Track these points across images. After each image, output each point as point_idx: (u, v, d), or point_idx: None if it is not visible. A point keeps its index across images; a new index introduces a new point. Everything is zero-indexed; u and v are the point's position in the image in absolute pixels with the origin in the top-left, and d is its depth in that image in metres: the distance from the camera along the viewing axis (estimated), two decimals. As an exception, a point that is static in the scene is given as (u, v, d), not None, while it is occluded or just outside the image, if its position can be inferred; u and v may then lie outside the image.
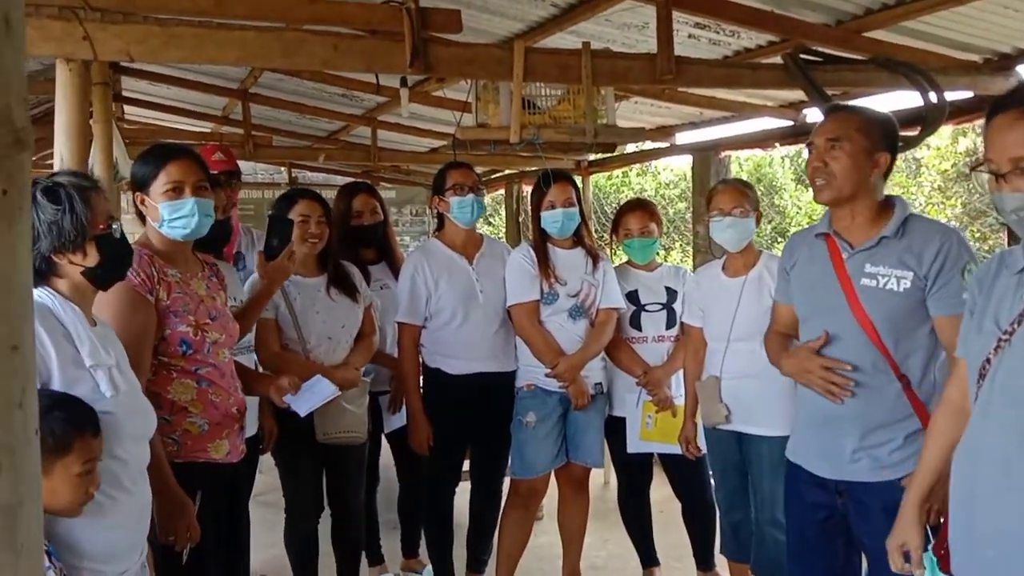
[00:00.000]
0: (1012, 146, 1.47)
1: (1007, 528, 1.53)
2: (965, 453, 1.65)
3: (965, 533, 1.64)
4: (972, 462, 1.62)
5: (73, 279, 1.78)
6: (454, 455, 3.39)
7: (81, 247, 1.76)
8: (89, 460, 1.60)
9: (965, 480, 1.64)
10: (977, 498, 1.60)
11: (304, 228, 2.96)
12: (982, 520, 1.59)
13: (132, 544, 1.79)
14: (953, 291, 2.03)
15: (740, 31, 3.68)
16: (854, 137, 2.11)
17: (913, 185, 8.03)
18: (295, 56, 2.73)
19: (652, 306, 3.40)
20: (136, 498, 1.79)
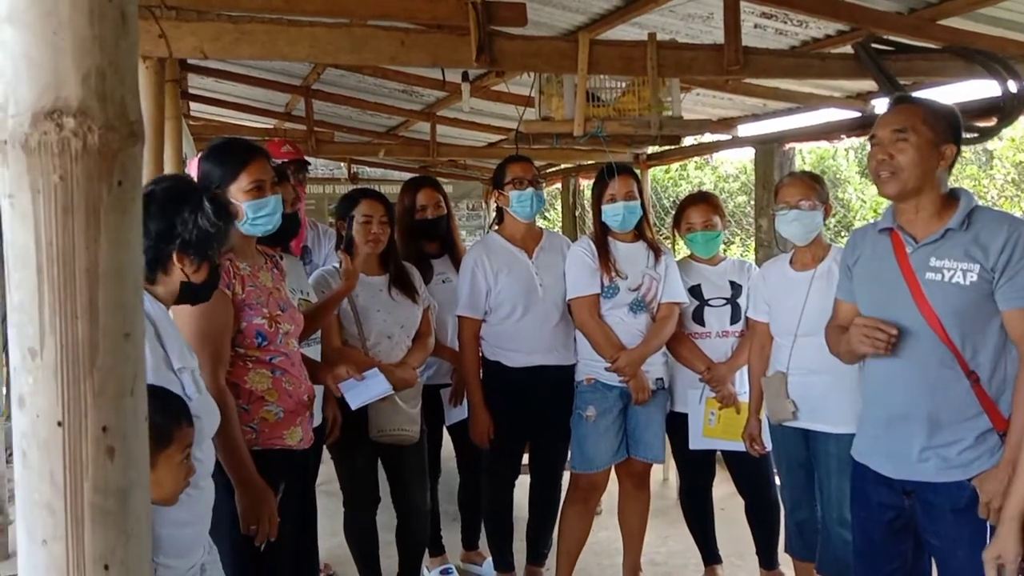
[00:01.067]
0: None
1: None
2: None
3: None
4: None
5: (171, 286, 1.84)
6: (514, 448, 3.40)
7: (205, 261, 1.81)
8: (187, 447, 1.64)
9: None
10: None
11: (367, 228, 2.99)
12: None
13: (200, 540, 1.84)
14: (1021, 283, 1.98)
15: (809, 20, 3.60)
16: (920, 129, 2.07)
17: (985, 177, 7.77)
18: (363, 51, 2.77)
19: (716, 301, 3.36)
20: (206, 495, 1.84)
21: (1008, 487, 1.92)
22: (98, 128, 0.67)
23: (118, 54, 0.67)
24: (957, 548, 2.04)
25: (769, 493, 3.41)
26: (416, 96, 5.81)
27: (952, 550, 2.06)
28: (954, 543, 2.05)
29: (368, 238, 2.99)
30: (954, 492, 2.04)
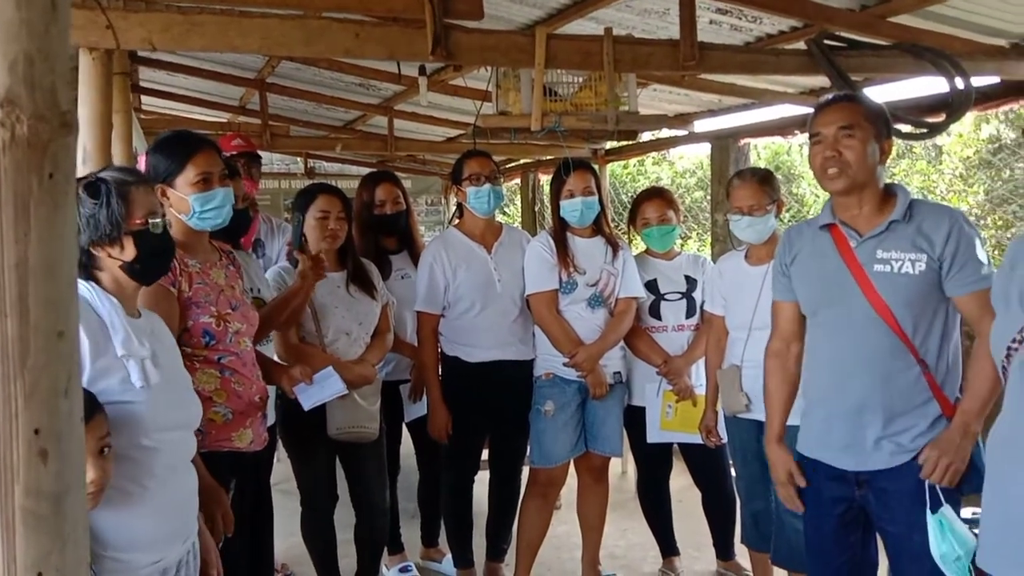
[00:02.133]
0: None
1: None
2: (998, 440, 1.63)
3: (999, 521, 1.62)
4: (1007, 450, 1.60)
5: (113, 273, 1.79)
6: (473, 444, 3.39)
7: (118, 241, 1.76)
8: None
9: (1000, 470, 1.62)
10: (1013, 488, 1.58)
11: (323, 224, 2.95)
12: (1017, 509, 1.57)
13: (166, 535, 1.78)
14: (972, 269, 2.04)
15: (763, 16, 3.64)
16: (864, 125, 2.11)
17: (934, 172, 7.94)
18: (317, 44, 2.72)
19: (672, 295, 3.38)
20: (170, 488, 1.79)
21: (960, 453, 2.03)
22: (27, 118, 0.64)
23: (48, 40, 0.64)
24: (913, 532, 2.07)
25: (725, 485, 3.45)
26: (373, 90, 5.76)
27: (908, 535, 2.09)
28: (909, 528, 2.08)
29: (325, 234, 2.95)
30: (907, 474, 2.08)
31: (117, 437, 1.63)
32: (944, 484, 2.04)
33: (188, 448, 1.88)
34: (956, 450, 2.03)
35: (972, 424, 2.04)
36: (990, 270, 2.06)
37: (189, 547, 1.85)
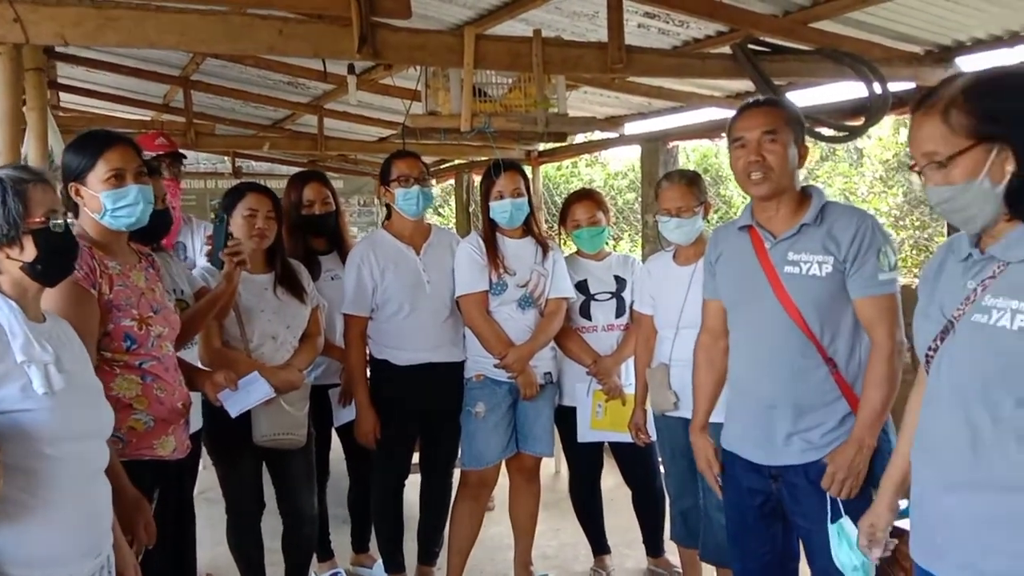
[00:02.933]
0: (923, 141, 1.53)
1: (951, 513, 1.57)
2: (918, 443, 1.68)
3: (919, 519, 1.68)
4: (924, 451, 1.65)
5: (12, 275, 1.70)
6: (403, 448, 3.35)
7: (16, 241, 1.68)
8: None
9: (918, 470, 1.68)
10: (928, 485, 1.64)
11: (251, 222, 2.88)
12: (931, 505, 1.63)
13: (74, 549, 1.70)
14: (869, 272, 2.10)
15: (689, 21, 3.70)
16: (785, 129, 2.16)
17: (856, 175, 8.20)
18: (239, 41, 2.66)
19: (601, 295, 3.41)
20: (78, 500, 1.71)
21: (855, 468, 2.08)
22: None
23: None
24: (822, 525, 2.14)
25: (654, 483, 3.50)
26: (302, 88, 5.67)
27: (818, 528, 2.16)
28: (819, 521, 2.15)
29: (252, 232, 2.88)
30: (816, 471, 2.15)
31: (14, 447, 1.56)
32: (843, 497, 2.11)
33: (99, 458, 1.80)
34: (850, 466, 2.10)
35: (867, 437, 2.10)
36: (892, 277, 2.13)
37: (103, 562, 1.78)
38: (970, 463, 1.52)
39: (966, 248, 1.58)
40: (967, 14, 3.33)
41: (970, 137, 1.46)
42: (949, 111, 1.48)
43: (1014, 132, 1.45)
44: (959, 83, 1.51)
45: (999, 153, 1.45)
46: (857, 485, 2.11)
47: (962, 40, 3.65)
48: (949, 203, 1.52)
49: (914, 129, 1.56)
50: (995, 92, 1.48)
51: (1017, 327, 1.44)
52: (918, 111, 1.55)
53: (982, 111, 1.46)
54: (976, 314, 1.51)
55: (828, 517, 2.11)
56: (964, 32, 3.57)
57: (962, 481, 1.54)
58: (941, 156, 1.49)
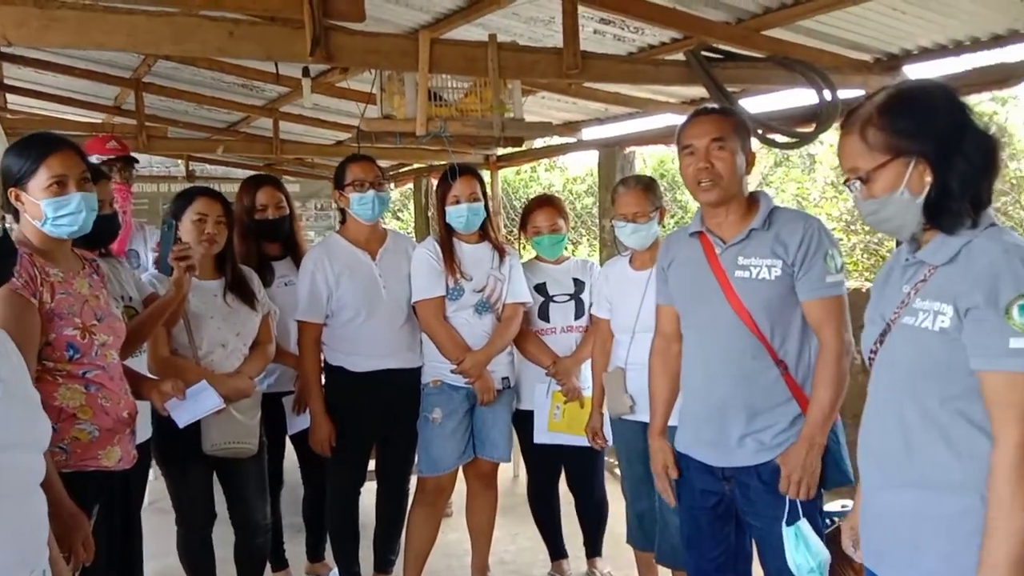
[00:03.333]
0: (846, 158, 1.60)
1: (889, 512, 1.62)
2: (861, 442, 1.72)
3: (863, 516, 1.73)
4: (865, 451, 1.69)
5: None
6: (358, 455, 3.31)
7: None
8: None
9: (862, 468, 1.72)
10: (868, 484, 1.69)
11: (200, 227, 2.83)
12: (871, 504, 1.68)
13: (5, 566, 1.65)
14: (817, 275, 2.14)
15: (645, 27, 3.73)
16: (733, 137, 2.20)
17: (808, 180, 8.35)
18: (188, 42, 2.61)
19: (560, 297, 3.41)
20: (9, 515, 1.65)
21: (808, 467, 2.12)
22: None
23: None
24: (775, 525, 2.17)
25: (596, 492, 3.54)
26: (257, 91, 5.61)
27: (771, 528, 2.19)
28: (772, 521, 2.18)
29: (202, 237, 2.82)
30: (768, 472, 2.18)
31: None
32: (801, 498, 2.14)
33: (34, 471, 1.73)
34: (804, 466, 2.13)
35: (817, 435, 2.14)
36: (839, 279, 2.17)
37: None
38: (904, 463, 1.57)
39: (905, 253, 1.64)
40: (913, 24, 3.41)
41: (886, 152, 1.53)
42: (866, 129, 1.55)
43: (926, 147, 1.51)
44: (875, 100, 1.57)
45: (916, 167, 1.52)
46: (814, 484, 2.14)
47: (909, 49, 3.73)
48: (875, 215, 1.59)
49: (840, 146, 1.63)
50: (906, 109, 1.54)
51: (939, 328, 1.49)
52: (842, 128, 1.62)
53: (895, 127, 1.53)
54: (907, 316, 1.56)
55: (784, 519, 2.14)
56: (911, 41, 3.65)
57: (897, 481, 1.59)
58: (863, 171, 1.56)
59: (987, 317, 1.43)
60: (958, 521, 1.49)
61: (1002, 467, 1.42)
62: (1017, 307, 1.40)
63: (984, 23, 3.38)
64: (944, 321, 1.48)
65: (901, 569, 1.59)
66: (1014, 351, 1.41)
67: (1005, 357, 1.42)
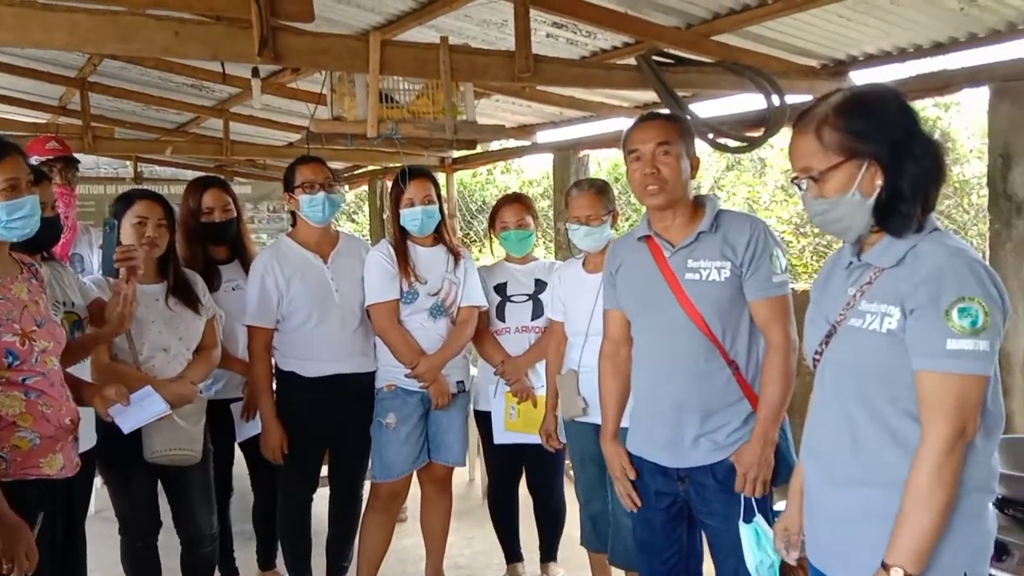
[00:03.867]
0: (799, 157, 1.61)
1: (836, 510, 1.64)
2: (806, 442, 1.74)
3: (808, 515, 1.75)
4: (811, 451, 1.71)
5: None
6: (311, 461, 3.27)
7: None
8: None
9: (806, 468, 1.74)
10: (814, 483, 1.70)
11: (141, 231, 2.77)
12: (817, 503, 1.70)
13: None
14: (764, 276, 2.19)
15: (597, 32, 3.75)
16: (678, 142, 2.23)
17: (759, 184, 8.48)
18: (132, 42, 2.55)
19: (518, 297, 3.41)
20: None
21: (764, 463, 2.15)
22: None
23: None
24: (730, 524, 2.20)
25: (556, 492, 3.55)
26: (207, 91, 5.52)
27: (726, 527, 2.22)
28: (727, 520, 2.21)
29: (142, 241, 2.77)
30: (722, 471, 2.21)
31: None
32: (757, 496, 2.17)
33: None
34: (759, 462, 2.18)
35: (770, 432, 2.19)
36: (784, 279, 2.23)
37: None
38: (850, 461, 1.60)
39: (848, 256, 1.66)
40: (859, 31, 3.47)
41: (840, 153, 1.55)
42: (822, 129, 1.56)
43: (879, 149, 1.53)
44: (831, 101, 1.59)
45: (868, 168, 1.54)
46: (767, 479, 2.18)
47: (855, 55, 3.81)
48: (824, 215, 1.61)
49: (792, 145, 1.64)
50: (862, 111, 1.56)
51: (886, 330, 1.52)
52: (796, 128, 1.63)
53: (850, 129, 1.54)
54: (853, 318, 1.59)
55: (741, 517, 2.17)
56: (857, 47, 3.73)
57: (844, 478, 1.61)
58: (815, 171, 1.57)
59: (928, 317, 1.46)
60: None
61: (925, 462, 1.47)
62: (957, 310, 1.44)
63: (926, 31, 3.47)
64: (891, 323, 1.51)
65: (851, 567, 1.61)
66: (951, 352, 1.44)
67: (942, 358, 1.45)
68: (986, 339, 1.44)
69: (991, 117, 3.45)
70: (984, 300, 1.44)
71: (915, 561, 1.47)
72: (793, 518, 1.84)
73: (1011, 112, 3.37)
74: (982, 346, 1.44)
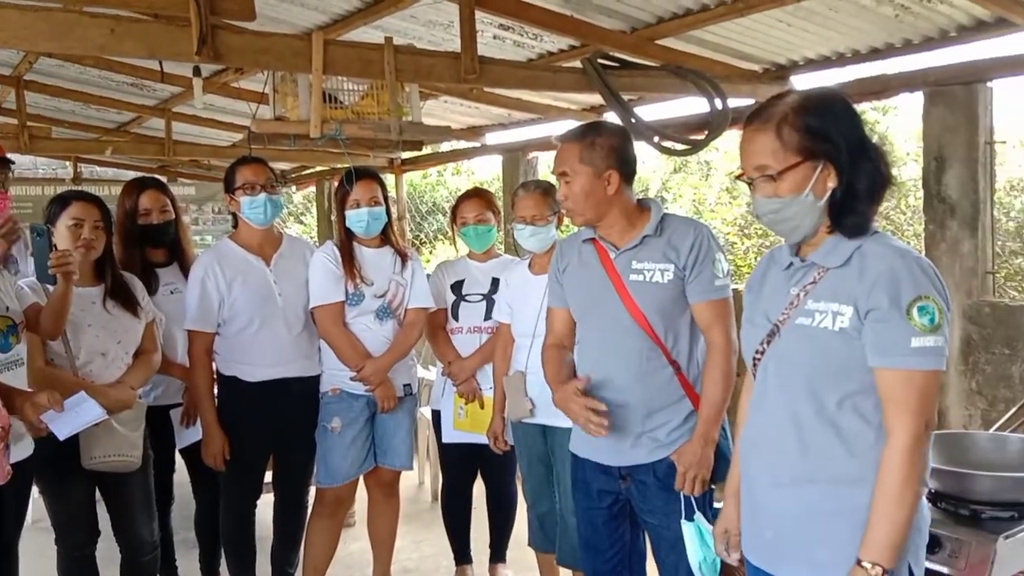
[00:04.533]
0: (755, 155, 1.60)
1: (781, 508, 1.65)
2: (747, 442, 1.76)
3: (749, 516, 1.76)
4: (753, 449, 1.73)
5: None
6: (255, 468, 3.22)
7: None
8: None
9: (748, 468, 1.75)
10: (756, 482, 1.72)
11: (76, 234, 2.70)
12: (760, 502, 1.71)
13: None
14: (706, 279, 2.23)
15: (543, 34, 3.76)
16: (577, 168, 2.24)
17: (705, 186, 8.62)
18: (66, 39, 2.49)
19: (472, 296, 3.40)
20: None
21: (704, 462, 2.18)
22: None
23: None
24: (671, 521, 2.23)
25: (508, 491, 3.56)
26: (148, 90, 5.40)
27: (667, 524, 2.25)
28: (667, 517, 2.24)
29: (78, 243, 2.70)
30: (663, 469, 2.24)
31: None
32: (696, 494, 2.20)
33: None
34: (700, 461, 2.20)
35: (711, 431, 2.22)
36: (725, 283, 2.27)
37: None
38: (797, 459, 1.61)
39: (787, 257, 1.68)
40: (799, 36, 3.55)
41: (798, 153, 1.55)
42: (782, 127, 1.56)
43: (837, 151, 1.55)
44: (789, 101, 1.59)
45: (823, 170, 1.55)
46: (707, 478, 2.21)
47: (796, 59, 3.89)
48: (776, 214, 1.61)
49: (746, 142, 1.63)
50: (822, 113, 1.57)
51: (838, 328, 1.54)
52: (750, 125, 1.62)
53: (810, 130, 1.55)
54: (800, 317, 1.60)
55: (682, 515, 2.19)
56: (797, 52, 3.80)
57: (790, 476, 1.63)
58: (772, 170, 1.57)
59: (891, 318, 1.48)
60: (852, 515, 1.55)
61: (893, 460, 1.49)
62: (917, 308, 1.47)
63: (864, 37, 3.55)
64: (844, 321, 1.53)
65: (796, 565, 1.63)
66: (915, 350, 1.47)
67: (907, 356, 1.48)
68: (942, 335, 1.48)
69: (925, 121, 3.56)
70: (937, 298, 1.48)
71: (890, 556, 1.49)
72: (732, 519, 1.86)
73: (944, 116, 3.47)
74: (940, 342, 1.48)
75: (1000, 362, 3.35)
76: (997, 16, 3.15)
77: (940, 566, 1.96)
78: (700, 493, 2.21)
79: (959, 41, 3.43)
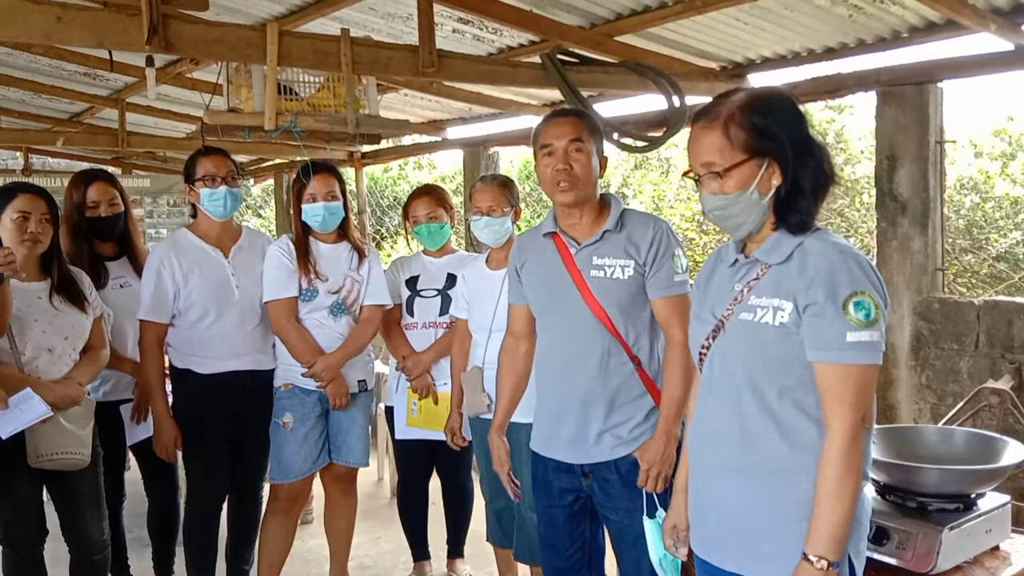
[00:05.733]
0: (702, 152, 1.62)
1: (725, 501, 1.67)
2: (694, 435, 1.78)
3: (695, 506, 1.78)
4: (699, 443, 1.75)
5: None
6: (216, 462, 3.14)
7: None
8: None
9: (695, 461, 1.77)
10: (702, 475, 1.74)
11: (23, 227, 2.64)
12: (706, 495, 1.73)
13: None
14: (666, 275, 2.23)
15: (503, 29, 3.75)
16: (590, 140, 2.24)
17: (665, 182, 8.67)
18: (10, 27, 2.41)
19: (427, 292, 3.38)
20: None
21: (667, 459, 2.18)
22: None
23: None
24: (633, 519, 2.23)
25: (465, 485, 3.56)
26: (101, 80, 5.28)
27: (629, 521, 2.25)
28: (630, 514, 2.24)
29: (24, 237, 2.63)
30: (626, 466, 2.24)
31: None
32: (659, 491, 2.20)
33: None
34: (662, 458, 2.20)
35: (673, 427, 2.22)
36: (684, 279, 2.27)
37: None
38: (740, 451, 1.63)
39: (733, 254, 1.70)
40: (755, 34, 3.58)
41: (745, 151, 1.57)
42: (729, 125, 1.58)
43: (782, 149, 1.57)
44: (736, 100, 1.60)
45: (768, 168, 1.58)
46: (668, 475, 2.20)
47: (752, 58, 3.92)
48: (722, 210, 1.63)
49: (694, 140, 1.64)
50: (768, 111, 1.59)
51: (779, 323, 1.56)
52: (698, 123, 1.64)
53: (756, 128, 1.57)
54: (743, 313, 1.62)
55: (644, 512, 2.19)
56: (754, 51, 3.84)
57: (733, 469, 1.65)
58: (719, 167, 1.59)
59: (827, 313, 1.50)
60: (793, 507, 1.57)
61: (832, 453, 1.51)
62: (852, 303, 1.49)
63: (819, 37, 3.60)
64: (784, 316, 1.55)
65: (739, 557, 1.65)
66: (851, 344, 1.50)
67: (843, 350, 1.50)
68: (878, 330, 1.50)
69: (878, 120, 3.61)
70: (874, 293, 1.51)
71: (835, 549, 1.51)
72: (680, 514, 1.87)
73: (896, 115, 3.53)
74: (876, 337, 1.50)
75: (949, 357, 3.42)
76: (947, 18, 3.21)
77: (887, 557, 1.99)
78: (663, 490, 2.21)
79: (911, 42, 3.49)
